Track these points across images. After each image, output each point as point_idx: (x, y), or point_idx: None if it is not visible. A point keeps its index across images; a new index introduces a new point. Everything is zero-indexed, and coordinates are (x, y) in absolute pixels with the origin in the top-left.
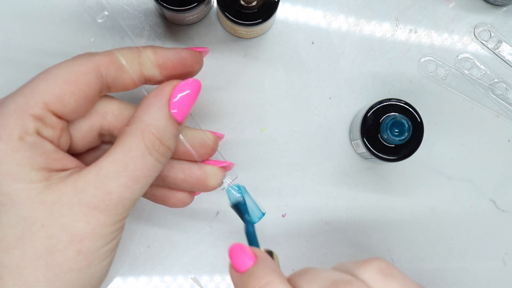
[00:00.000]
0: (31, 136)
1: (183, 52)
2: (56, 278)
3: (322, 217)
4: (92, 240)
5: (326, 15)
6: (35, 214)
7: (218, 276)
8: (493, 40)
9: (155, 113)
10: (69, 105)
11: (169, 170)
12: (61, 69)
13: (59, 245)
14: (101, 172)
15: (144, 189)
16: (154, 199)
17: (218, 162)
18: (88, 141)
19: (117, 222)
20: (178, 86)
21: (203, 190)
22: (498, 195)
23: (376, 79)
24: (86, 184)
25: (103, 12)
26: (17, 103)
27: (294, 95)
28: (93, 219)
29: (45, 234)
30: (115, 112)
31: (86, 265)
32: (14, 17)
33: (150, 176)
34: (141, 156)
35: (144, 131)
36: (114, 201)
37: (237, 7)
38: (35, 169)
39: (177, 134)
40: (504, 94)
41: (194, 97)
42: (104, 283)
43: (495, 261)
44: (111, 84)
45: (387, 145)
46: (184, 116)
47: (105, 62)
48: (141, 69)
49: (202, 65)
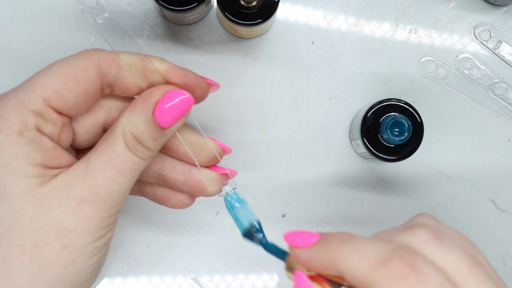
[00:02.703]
0: (31, 132)
1: (189, 73)
2: (40, 272)
3: (322, 217)
4: (79, 235)
5: (326, 15)
6: (25, 207)
7: (218, 276)
8: (493, 40)
9: (137, 114)
10: (69, 100)
11: (170, 171)
12: (62, 64)
13: (45, 239)
14: (88, 165)
15: (131, 183)
16: (155, 199)
17: (219, 168)
18: (92, 136)
19: (105, 218)
20: (169, 93)
21: (202, 195)
22: (498, 195)
23: (376, 79)
24: (75, 177)
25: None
26: (18, 97)
27: (294, 95)
28: (81, 213)
29: (33, 227)
30: (120, 107)
31: (72, 260)
32: (14, 17)
33: (135, 169)
34: (123, 151)
35: (124, 129)
36: (101, 194)
37: (237, 7)
38: (32, 164)
39: (159, 137)
40: (504, 94)
41: (183, 108)
42: (105, 282)
43: (495, 261)
44: (112, 83)
45: (387, 145)
46: (169, 123)
47: (106, 59)
48: (145, 73)
49: (205, 95)
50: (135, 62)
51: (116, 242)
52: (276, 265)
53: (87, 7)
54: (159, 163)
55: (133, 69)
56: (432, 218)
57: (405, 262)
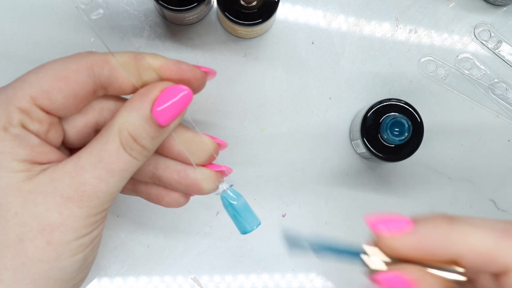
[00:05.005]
0: (15, 128)
1: (183, 65)
2: (24, 267)
3: (322, 217)
4: (63, 231)
5: (326, 15)
6: (11, 202)
7: (218, 276)
8: (493, 40)
9: (134, 112)
10: (57, 101)
11: (164, 170)
12: (53, 65)
13: (29, 234)
14: (78, 163)
15: (122, 183)
16: (149, 198)
17: (215, 166)
18: (84, 136)
19: (91, 215)
20: (167, 89)
21: (197, 193)
22: (498, 195)
23: (376, 79)
24: (63, 174)
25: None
26: (7, 94)
27: (294, 95)
28: (66, 210)
29: (17, 222)
30: (112, 108)
31: (55, 257)
32: (14, 17)
33: (126, 170)
34: (116, 150)
35: (121, 127)
36: (88, 193)
37: (237, 7)
38: (17, 159)
39: (157, 136)
40: (504, 94)
41: (182, 104)
42: (105, 282)
43: None
44: (106, 84)
45: (387, 145)
46: (168, 121)
47: (98, 61)
48: (139, 72)
49: (203, 84)
50: (128, 60)
51: (116, 242)
52: (276, 265)
53: (80, 4)
54: (153, 163)
55: (126, 67)
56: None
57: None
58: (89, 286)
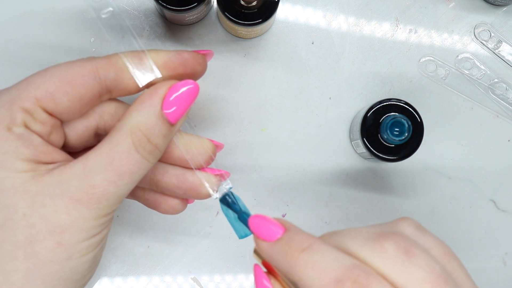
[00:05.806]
0: (19, 128)
1: (185, 54)
2: (35, 268)
3: (322, 217)
4: (73, 232)
5: (326, 15)
6: (18, 203)
7: (218, 276)
8: (493, 40)
9: (146, 110)
10: (61, 104)
11: (163, 175)
12: (59, 68)
13: (39, 236)
14: (87, 165)
15: (131, 186)
16: (147, 204)
17: (213, 170)
18: (84, 140)
19: (100, 216)
20: (175, 86)
21: (196, 198)
22: (498, 195)
23: (376, 79)
24: (71, 175)
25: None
26: (10, 95)
27: (294, 95)
28: (75, 211)
29: (26, 223)
30: (112, 112)
31: (66, 257)
32: (14, 17)
33: (136, 172)
34: (127, 152)
35: (133, 127)
36: (97, 195)
37: (237, 7)
38: (21, 159)
39: (168, 134)
40: (504, 94)
41: (190, 99)
42: (105, 282)
43: (495, 261)
44: (112, 87)
45: (387, 145)
46: (178, 117)
47: (103, 64)
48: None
49: (205, 68)
50: (133, 60)
51: (116, 242)
52: None
53: (92, 2)
54: (151, 168)
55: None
56: (413, 226)
57: (357, 285)
58: (89, 286)
